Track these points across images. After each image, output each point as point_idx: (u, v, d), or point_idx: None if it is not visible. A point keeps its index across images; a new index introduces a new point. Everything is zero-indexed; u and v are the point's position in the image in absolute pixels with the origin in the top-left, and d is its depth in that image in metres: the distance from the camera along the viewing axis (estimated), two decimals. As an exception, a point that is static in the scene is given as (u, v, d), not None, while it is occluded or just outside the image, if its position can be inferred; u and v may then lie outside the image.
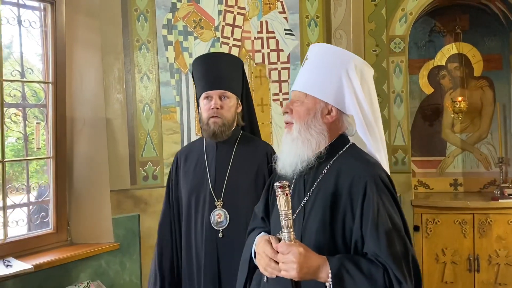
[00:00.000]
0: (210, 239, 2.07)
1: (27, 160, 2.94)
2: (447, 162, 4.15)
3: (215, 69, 2.15)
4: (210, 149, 2.20)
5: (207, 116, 2.10)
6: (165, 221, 2.24)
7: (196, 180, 2.17)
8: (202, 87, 2.14)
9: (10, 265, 2.54)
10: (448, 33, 4.13)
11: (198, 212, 2.13)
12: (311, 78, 1.58)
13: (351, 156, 1.53)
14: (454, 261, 3.64)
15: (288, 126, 1.58)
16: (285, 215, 1.34)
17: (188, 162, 2.23)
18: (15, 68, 2.90)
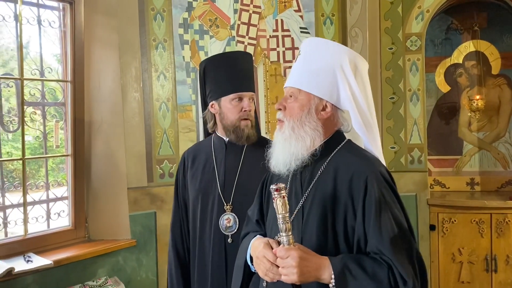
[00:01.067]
0: (219, 244, 2.00)
1: (46, 157, 2.99)
2: (464, 161, 4.10)
3: (244, 69, 2.09)
4: (219, 150, 2.11)
5: (237, 118, 2.02)
6: (176, 222, 2.19)
7: (205, 182, 2.09)
8: (234, 87, 2.04)
9: (30, 260, 2.60)
10: (465, 31, 4.08)
11: (206, 216, 2.06)
12: (304, 73, 1.53)
13: (348, 153, 1.49)
14: (471, 261, 3.60)
15: (280, 124, 1.54)
16: (283, 218, 1.31)
17: (196, 163, 2.15)
18: (35, 67, 2.95)
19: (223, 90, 2.05)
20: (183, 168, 2.19)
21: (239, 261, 1.62)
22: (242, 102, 2.03)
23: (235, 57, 2.16)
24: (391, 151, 3.65)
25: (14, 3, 2.76)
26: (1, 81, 2.75)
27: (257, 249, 1.43)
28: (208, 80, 2.12)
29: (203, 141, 2.28)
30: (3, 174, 2.80)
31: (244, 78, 2.07)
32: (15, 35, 2.80)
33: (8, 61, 3.12)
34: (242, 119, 2.02)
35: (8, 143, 3.02)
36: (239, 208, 1.99)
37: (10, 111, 2.87)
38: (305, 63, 1.54)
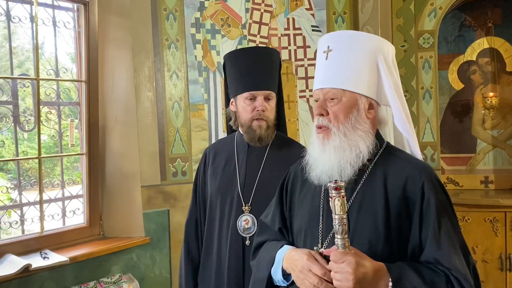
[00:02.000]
0: (236, 246, 1.92)
1: (61, 156, 3.04)
2: (478, 159, 4.06)
3: (260, 66, 1.98)
4: (241, 149, 2.05)
5: (249, 118, 1.95)
6: (191, 220, 2.14)
7: (225, 181, 2.02)
8: (245, 85, 1.96)
9: (47, 257, 2.64)
10: (479, 27, 4.04)
11: (224, 215, 1.99)
12: (344, 71, 1.39)
13: (395, 156, 1.39)
14: (485, 260, 3.57)
15: (325, 131, 1.38)
16: (340, 219, 1.19)
17: (216, 161, 2.10)
18: (50, 67, 3.00)
19: (238, 88, 1.99)
20: (204, 165, 2.13)
21: (259, 274, 1.50)
22: (255, 101, 1.95)
23: (254, 52, 2.08)
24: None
25: (30, 5, 2.81)
26: (18, 81, 2.80)
27: (297, 262, 1.32)
28: (228, 76, 2.08)
29: (225, 138, 2.22)
30: (20, 173, 2.85)
31: (260, 75, 1.96)
32: (30, 36, 2.85)
33: (23, 62, 3.18)
34: (254, 119, 1.94)
35: (23, 142, 3.08)
36: (258, 210, 1.91)
37: (26, 111, 2.92)
38: (342, 59, 1.40)
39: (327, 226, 1.38)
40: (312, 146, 1.44)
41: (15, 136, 2.80)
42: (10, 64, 2.77)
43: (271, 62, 2.03)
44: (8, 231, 2.78)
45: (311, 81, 3.52)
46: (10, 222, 2.77)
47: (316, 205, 1.45)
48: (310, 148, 1.46)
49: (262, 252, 1.55)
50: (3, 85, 2.76)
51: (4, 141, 2.82)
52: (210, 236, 2.04)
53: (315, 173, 1.41)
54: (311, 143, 1.45)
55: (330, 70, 1.41)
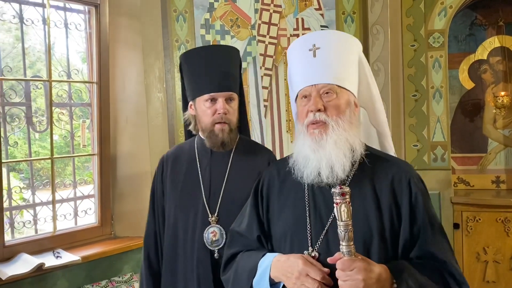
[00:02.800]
0: (204, 261, 1.76)
1: (73, 156, 3.08)
2: (489, 159, 4.03)
3: (220, 66, 1.83)
4: (203, 155, 1.89)
5: (211, 122, 1.80)
6: (150, 233, 1.95)
7: (187, 190, 1.86)
8: (204, 87, 1.81)
9: (59, 256, 2.68)
10: (490, 26, 4.01)
11: (188, 228, 1.82)
12: (336, 68, 1.40)
13: (376, 156, 1.42)
14: (496, 260, 3.54)
15: (321, 126, 1.35)
16: (345, 226, 1.18)
17: (176, 169, 1.91)
18: (61, 69, 3.04)
19: (197, 90, 1.84)
20: (161, 174, 1.94)
21: (237, 287, 1.43)
22: (216, 104, 1.79)
23: (212, 51, 1.90)
24: (414, 149, 3.63)
25: (42, 7, 2.85)
26: (30, 83, 2.84)
27: (292, 268, 1.28)
28: (185, 77, 1.92)
29: (184, 144, 2.03)
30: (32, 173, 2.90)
31: (220, 75, 1.81)
32: (42, 38, 2.89)
33: (34, 63, 3.22)
34: (216, 123, 1.79)
35: (35, 143, 3.11)
36: (225, 220, 1.76)
37: (37, 111, 2.96)
38: (334, 57, 1.41)
39: (316, 228, 1.36)
40: (302, 144, 1.39)
41: (28, 137, 2.84)
42: (23, 65, 2.81)
43: (230, 61, 1.89)
44: (22, 230, 2.82)
45: (320, 81, 3.51)
46: (24, 221, 2.81)
47: (301, 207, 1.41)
48: (298, 147, 1.40)
49: (239, 264, 1.46)
50: (16, 86, 2.81)
51: (17, 141, 2.86)
52: (173, 250, 1.86)
53: (309, 171, 1.37)
54: (300, 141, 1.40)
55: (322, 66, 1.41)
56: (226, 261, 1.55)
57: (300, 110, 1.43)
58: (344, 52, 1.44)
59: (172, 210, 1.87)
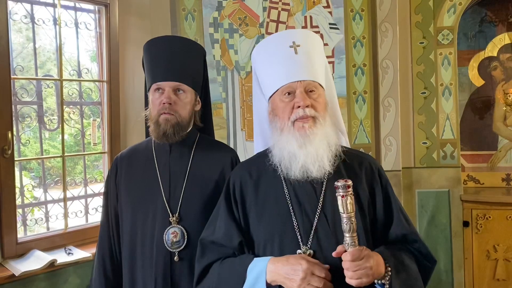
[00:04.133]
0: (163, 263, 1.65)
1: (84, 155, 3.11)
2: (499, 156, 4.01)
3: (169, 56, 1.74)
4: (162, 153, 1.78)
5: (156, 113, 1.69)
6: (104, 238, 1.82)
7: (144, 190, 1.75)
8: (152, 76, 1.73)
9: (71, 253, 2.72)
10: (500, 23, 3.98)
11: (147, 230, 1.70)
12: (316, 67, 1.45)
13: (346, 151, 1.48)
14: (507, 258, 3.52)
15: (311, 121, 1.38)
16: (348, 218, 1.22)
17: (132, 169, 1.80)
18: (72, 68, 3.07)
19: (149, 80, 1.77)
20: (115, 176, 1.82)
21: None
22: (162, 94, 1.70)
23: (167, 41, 1.82)
24: (423, 146, 3.61)
25: (53, 7, 2.88)
26: (41, 82, 2.87)
27: (294, 270, 1.26)
28: (145, 68, 1.84)
29: (140, 144, 1.92)
30: (42, 171, 2.93)
31: (168, 65, 1.72)
32: (52, 38, 2.92)
33: (45, 62, 3.26)
34: (161, 113, 1.68)
35: (45, 141, 3.15)
36: (187, 220, 1.68)
37: (47, 111, 3.00)
38: (312, 55, 1.46)
39: (305, 226, 1.36)
40: (286, 140, 1.39)
41: (40, 136, 2.88)
42: (35, 65, 2.84)
43: (189, 53, 1.79)
44: (34, 228, 2.86)
45: (329, 79, 3.52)
46: (36, 219, 2.85)
47: (284, 206, 1.40)
48: (282, 143, 1.40)
49: (221, 273, 1.39)
50: (27, 86, 2.84)
51: (29, 140, 2.90)
52: (131, 256, 1.74)
53: (297, 166, 1.37)
54: (283, 137, 1.40)
55: (305, 63, 1.43)
56: (201, 272, 1.46)
57: (282, 106, 1.42)
58: (319, 51, 1.52)
59: (129, 213, 1.75)
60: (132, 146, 1.93)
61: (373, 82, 3.41)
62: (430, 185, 3.57)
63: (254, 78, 1.61)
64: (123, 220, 1.77)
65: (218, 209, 1.50)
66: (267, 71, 1.49)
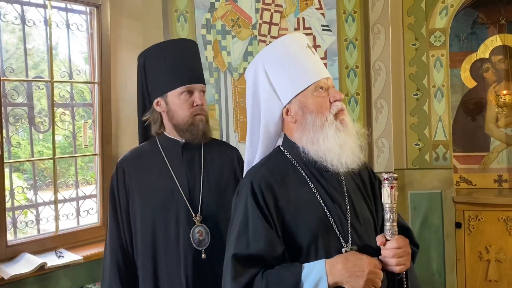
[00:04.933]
0: (192, 262, 1.71)
1: (75, 157, 3.09)
2: (491, 158, 4.02)
3: (192, 59, 1.85)
4: (173, 153, 1.83)
5: (189, 114, 1.78)
6: (116, 249, 1.79)
7: (163, 194, 1.77)
8: (180, 79, 1.79)
9: (62, 256, 2.70)
10: (491, 25, 4.00)
11: (170, 231, 1.75)
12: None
13: None
14: (498, 259, 3.53)
15: (345, 114, 1.44)
16: (391, 208, 1.34)
17: (142, 172, 1.81)
18: (64, 69, 3.05)
19: (170, 84, 1.80)
20: (123, 181, 1.81)
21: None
22: (193, 96, 1.79)
23: (181, 45, 1.90)
24: (415, 148, 3.62)
25: (44, 8, 2.87)
26: (33, 83, 2.85)
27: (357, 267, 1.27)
28: (151, 74, 1.86)
29: (141, 147, 1.93)
30: (35, 173, 2.91)
31: (194, 67, 1.83)
32: (44, 39, 2.90)
33: (38, 63, 3.24)
34: (195, 115, 1.78)
35: (39, 143, 3.13)
36: (209, 218, 1.76)
37: (41, 112, 2.98)
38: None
39: (342, 222, 1.40)
40: (335, 133, 1.40)
41: (30, 137, 2.85)
42: (25, 66, 2.82)
43: (198, 54, 1.91)
44: (24, 230, 2.84)
45: (321, 80, 3.51)
46: (26, 221, 2.82)
47: (317, 205, 1.41)
48: (331, 137, 1.40)
49: (270, 283, 1.28)
50: (18, 87, 2.82)
51: (20, 142, 2.88)
52: (152, 257, 1.77)
53: (345, 158, 1.40)
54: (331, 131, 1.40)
55: (321, 63, 1.52)
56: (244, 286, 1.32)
57: (319, 101, 1.43)
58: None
59: (149, 216, 1.77)
60: (135, 149, 1.94)
61: (365, 83, 3.42)
62: (423, 186, 3.58)
63: (262, 82, 1.51)
64: (140, 223, 1.78)
65: (246, 218, 1.36)
66: (289, 70, 1.47)
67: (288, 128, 1.51)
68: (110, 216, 1.84)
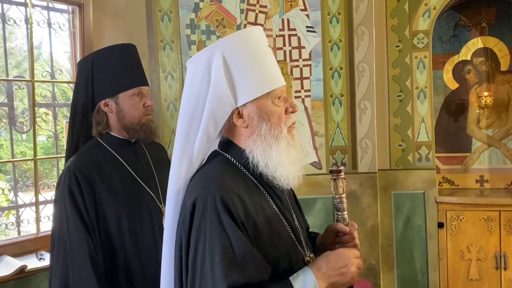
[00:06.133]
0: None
1: (58, 157, 3.05)
2: (473, 158, 4.08)
3: (136, 62, 1.97)
4: (125, 152, 1.93)
5: (141, 114, 1.89)
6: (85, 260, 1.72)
7: (131, 192, 1.84)
8: (131, 81, 1.88)
9: (43, 258, 2.65)
10: (473, 27, 4.06)
11: (145, 226, 1.82)
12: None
13: None
14: (480, 259, 3.59)
15: (295, 128, 1.38)
16: (340, 198, 1.40)
17: (104, 175, 1.83)
18: (45, 69, 3.01)
19: (121, 85, 1.88)
20: (88, 187, 1.79)
21: None
22: (145, 97, 1.92)
23: (128, 49, 1.99)
24: (399, 149, 3.66)
25: (24, 7, 2.82)
26: (13, 83, 2.81)
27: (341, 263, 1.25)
28: (100, 76, 1.90)
29: (88, 149, 1.93)
30: (17, 174, 2.86)
31: (140, 71, 1.96)
32: (27, 38, 2.86)
33: (21, 63, 3.20)
34: (146, 115, 1.92)
35: (22, 144, 3.09)
36: None
37: (24, 112, 2.93)
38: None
39: (295, 231, 1.37)
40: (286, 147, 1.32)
41: (11, 138, 2.81)
42: (5, 65, 2.78)
43: (139, 58, 2.05)
44: (5, 232, 2.79)
45: (306, 81, 3.53)
46: (6, 223, 2.77)
47: (278, 218, 1.34)
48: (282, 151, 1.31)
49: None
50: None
51: (2, 142, 2.83)
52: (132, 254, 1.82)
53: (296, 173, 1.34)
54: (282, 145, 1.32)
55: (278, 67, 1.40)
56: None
57: (278, 110, 1.32)
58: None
59: (122, 216, 1.80)
60: (84, 153, 1.91)
61: (349, 85, 3.44)
62: (406, 187, 3.61)
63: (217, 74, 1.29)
64: (112, 224, 1.80)
65: (227, 243, 1.16)
66: (254, 69, 1.31)
67: (235, 133, 1.35)
68: (72, 221, 1.75)
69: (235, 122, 1.32)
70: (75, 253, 1.73)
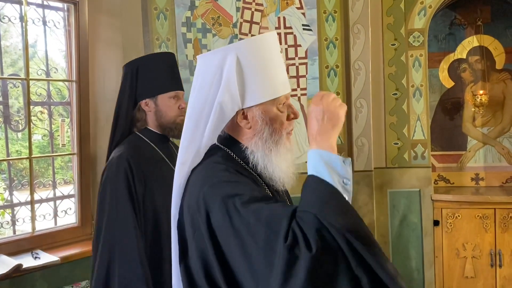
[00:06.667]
0: None
1: (53, 156, 3.04)
2: (468, 156, 4.10)
3: (178, 70, 2.25)
4: (161, 145, 2.18)
5: (175, 115, 2.13)
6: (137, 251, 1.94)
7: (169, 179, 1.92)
8: (171, 85, 2.15)
9: (38, 257, 2.65)
10: (469, 26, 4.07)
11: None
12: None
13: None
14: (475, 256, 3.60)
15: (292, 134, 1.43)
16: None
17: (149, 165, 2.08)
18: (41, 67, 3.00)
19: (161, 88, 2.14)
20: (139, 174, 2.02)
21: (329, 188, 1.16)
22: (180, 100, 2.16)
23: (169, 57, 2.28)
24: (394, 147, 3.67)
25: (19, 5, 2.81)
26: (8, 81, 2.79)
27: (328, 113, 1.23)
28: (143, 78, 2.15)
29: (132, 141, 2.16)
30: (13, 173, 2.85)
31: (178, 77, 2.22)
32: (22, 36, 2.84)
33: (16, 61, 3.18)
34: (179, 116, 2.14)
35: (17, 142, 3.07)
36: None
37: (19, 111, 2.92)
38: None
39: None
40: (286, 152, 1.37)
41: (5, 136, 2.79)
42: (0, 64, 2.76)
43: (178, 65, 2.31)
44: (0, 231, 2.78)
45: (302, 80, 3.54)
46: (1, 222, 2.76)
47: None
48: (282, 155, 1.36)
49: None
50: (-6, 85, 2.76)
51: (-2, 141, 2.82)
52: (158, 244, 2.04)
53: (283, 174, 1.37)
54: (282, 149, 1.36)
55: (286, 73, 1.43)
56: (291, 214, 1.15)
57: (281, 116, 1.36)
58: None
59: (162, 204, 1.98)
60: (128, 145, 2.13)
61: (345, 83, 3.45)
62: (402, 185, 3.63)
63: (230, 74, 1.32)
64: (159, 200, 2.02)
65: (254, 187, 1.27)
66: (265, 74, 1.35)
67: (237, 131, 1.39)
68: (122, 212, 1.96)
69: (238, 122, 1.37)
70: (121, 226, 1.97)
